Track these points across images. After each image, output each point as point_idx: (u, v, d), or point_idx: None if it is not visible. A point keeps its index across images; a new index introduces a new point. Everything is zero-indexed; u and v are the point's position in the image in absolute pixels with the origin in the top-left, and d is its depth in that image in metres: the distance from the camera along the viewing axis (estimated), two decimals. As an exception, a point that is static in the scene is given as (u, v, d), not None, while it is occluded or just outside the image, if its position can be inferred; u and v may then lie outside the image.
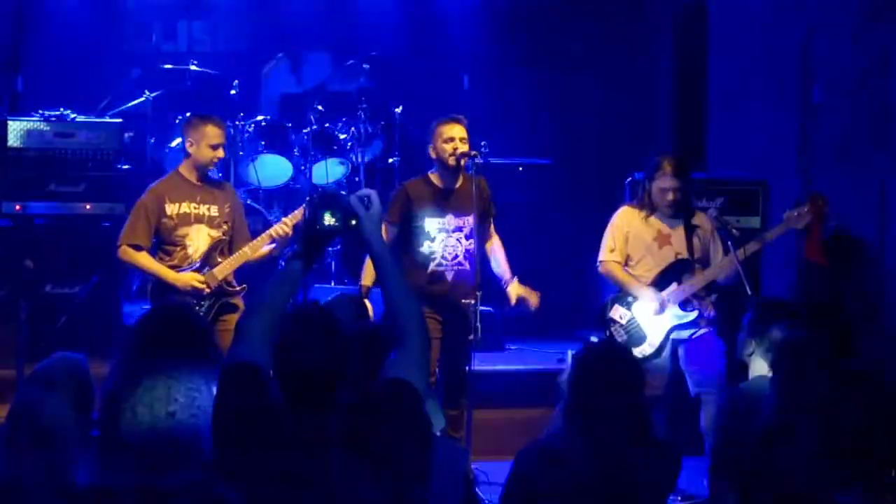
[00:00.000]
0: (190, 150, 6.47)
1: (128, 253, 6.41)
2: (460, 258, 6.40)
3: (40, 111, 7.89)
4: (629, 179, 7.65)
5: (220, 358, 3.68)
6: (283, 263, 3.60)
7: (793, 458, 3.52)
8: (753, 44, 8.79)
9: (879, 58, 7.37)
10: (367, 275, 6.29)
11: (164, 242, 6.44)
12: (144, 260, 6.41)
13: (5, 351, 6.87)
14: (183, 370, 3.39)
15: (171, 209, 6.41)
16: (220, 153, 6.56)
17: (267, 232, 6.54)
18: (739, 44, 8.98)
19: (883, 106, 7.36)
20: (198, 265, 6.41)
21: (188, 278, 6.36)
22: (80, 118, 7.95)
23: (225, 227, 6.50)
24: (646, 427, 3.64)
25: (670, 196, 6.56)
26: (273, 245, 6.49)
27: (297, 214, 6.72)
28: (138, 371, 3.59)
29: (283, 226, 6.49)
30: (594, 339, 6.60)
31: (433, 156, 6.48)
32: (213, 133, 6.47)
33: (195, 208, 6.45)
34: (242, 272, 6.58)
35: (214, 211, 6.48)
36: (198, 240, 6.44)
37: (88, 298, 7.70)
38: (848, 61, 7.67)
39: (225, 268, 6.42)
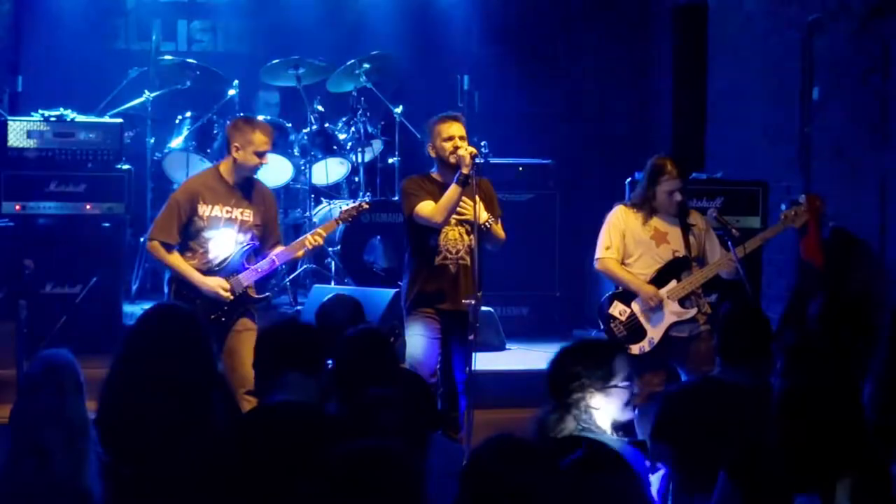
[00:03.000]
0: (235, 154, 6.37)
1: (159, 251, 6.36)
2: (462, 252, 6.38)
3: (40, 111, 7.89)
4: (629, 179, 7.64)
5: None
6: None
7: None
8: (753, 44, 8.78)
9: (879, 57, 7.36)
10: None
11: (189, 239, 6.39)
12: (175, 260, 6.35)
13: (5, 351, 6.86)
14: None
15: (203, 210, 6.35)
16: (266, 160, 6.48)
17: (300, 241, 6.51)
18: (739, 44, 8.98)
19: (883, 106, 7.36)
20: (219, 270, 6.36)
21: (214, 284, 6.31)
22: (80, 118, 7.95)
23: (256, 230, 6.44)
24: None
25: (678, 197, 6.56)
26: (305, 251, 6.50)
27: (330, 226, 6.69)
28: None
29: (318, 236, 6.46)
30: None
31: (432, 154, 6.45)
32: (260, 140, 6.38)
33: (228, 212, 6.38)
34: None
35: (248, 215, 6.41)
36: (221, 244, 6.38)
37: (88, 298, 7.70)
38: (848, 61, 7.67)
39: (251, 274, 6.37)
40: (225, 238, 6.39)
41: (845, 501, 3.10)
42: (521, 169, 9.30)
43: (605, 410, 4.07)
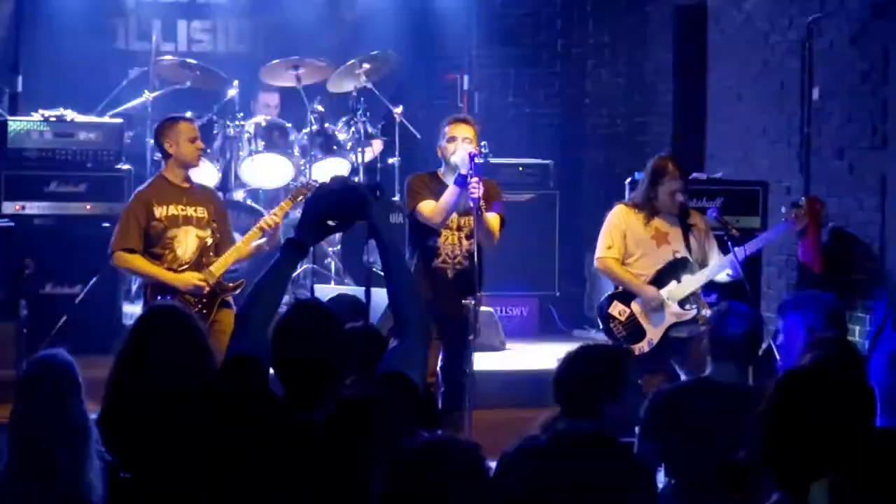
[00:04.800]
0: (171, 151, 6.47)
1: (123, 258, 6.38)
2: (460, 257, 6.39)
3: (40, 111, 7.89)
4: (629, 179, 7.65)
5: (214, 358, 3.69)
6: (279, 252, 3.59)
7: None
8: (754, 44, 8.78)
9: (879, 58, 7.36)
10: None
11: (152, 246, 6.40)
12: (140, 263, 6.38)
13: (5, 351, 6.86)
14: None
15: (159, 212, 6.39)
16: (200, 144, 6.61)
17: (258, 224, 6.54)
18: (739, 44, 8.98)
19: (883, 106, 7.36)
20: (189, 266, 6.39)
21: (188, 277, 6.35)
22: (80, 118, 7.95)
23: (214, 225, 6.50)
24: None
25: (680, 198, 6.57)
26: (263, 239, 6.49)
27: (285, 206, 6.71)
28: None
29: (273, 217, 6.50)
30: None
31: (439, 154, 6.49)
32: (186, 128, 6.51)
33: (182, 210, 6.44)
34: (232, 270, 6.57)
35: (202, 212, 6.48)
36: (186, 241, 6.42)
37: (88, 298, 7.69)
38: (848, 61, 7.67)
39: (221, 264, 6.42)
40: (188, 235, 6.43)
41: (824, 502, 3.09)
42: (521, 169, 9.30)
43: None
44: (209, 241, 6.46)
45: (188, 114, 7.24)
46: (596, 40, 10.35)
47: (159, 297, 6.33)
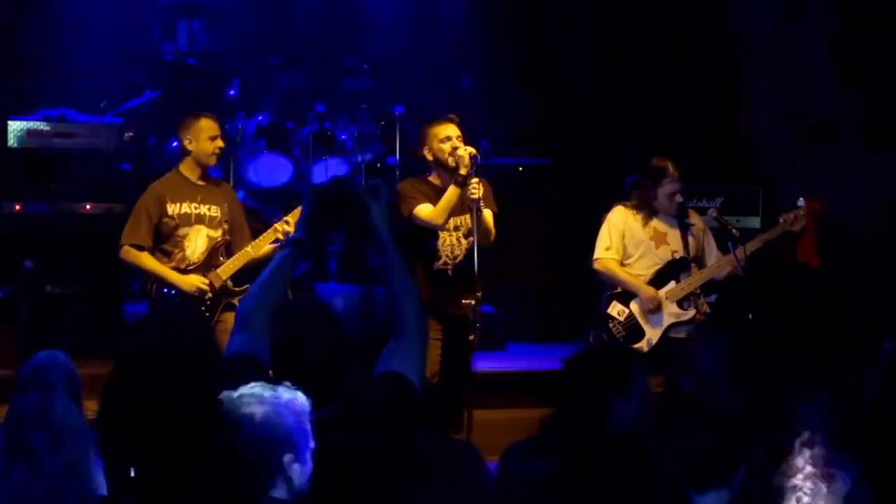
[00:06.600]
0: (190, 147, 6.46)
1: (130, 253, 6.38)
2: (460, 257, 6.39)
3: (40, 111, 7.89)
4: (629, 179, 7.65)
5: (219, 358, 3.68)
6: (279, 252, 3.60)
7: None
8: (754, 43, 8.79)
9: (879, 57, 7.37)
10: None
11: (162, 242, 6.41)
12: (147, 260, 6.38)
13: (5, 351, 6.86)
14: None
15: (172, 209, 6.39)
16: (220, 143, 6.57)
17: (270, 229, 6.54)
18: (738, 43, 8.99)
19: (883, 106, 7.37)
20: (196, 266, 6.39)
21: (193, 280, 6.33)
22: (80, 118, 7.95)
23: (225, 226, 6.49)
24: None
25: (679, 198, 6.58)
26: (276, 244, 6.48)
27: (297, 213, 6.71)
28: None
29: (286, 224, 6.49)
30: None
31: (429, 157, 6.42)
32: (208, 125, 6.49)
33: (196, 208, 6.43)
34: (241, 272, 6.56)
35: (215, 211, 6.47)
36: (196, 241, 6.41)
37: (88, 298, 7.69)
38: (848, 61, 7.68)
39: (229, 267, 6.41)
40: (199, 234, 6.42)
41: None
42: (521, 169, 9.30)
43: None
44: (220, 241, 6.45)
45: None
46: (596, 41, 10.34)
47: (164, 291, 6.34)
